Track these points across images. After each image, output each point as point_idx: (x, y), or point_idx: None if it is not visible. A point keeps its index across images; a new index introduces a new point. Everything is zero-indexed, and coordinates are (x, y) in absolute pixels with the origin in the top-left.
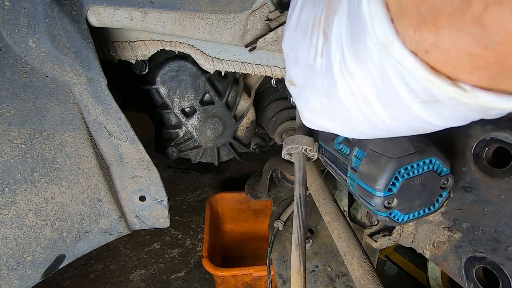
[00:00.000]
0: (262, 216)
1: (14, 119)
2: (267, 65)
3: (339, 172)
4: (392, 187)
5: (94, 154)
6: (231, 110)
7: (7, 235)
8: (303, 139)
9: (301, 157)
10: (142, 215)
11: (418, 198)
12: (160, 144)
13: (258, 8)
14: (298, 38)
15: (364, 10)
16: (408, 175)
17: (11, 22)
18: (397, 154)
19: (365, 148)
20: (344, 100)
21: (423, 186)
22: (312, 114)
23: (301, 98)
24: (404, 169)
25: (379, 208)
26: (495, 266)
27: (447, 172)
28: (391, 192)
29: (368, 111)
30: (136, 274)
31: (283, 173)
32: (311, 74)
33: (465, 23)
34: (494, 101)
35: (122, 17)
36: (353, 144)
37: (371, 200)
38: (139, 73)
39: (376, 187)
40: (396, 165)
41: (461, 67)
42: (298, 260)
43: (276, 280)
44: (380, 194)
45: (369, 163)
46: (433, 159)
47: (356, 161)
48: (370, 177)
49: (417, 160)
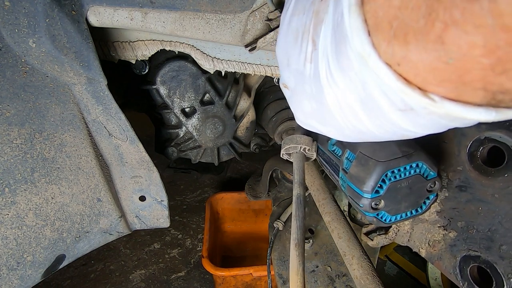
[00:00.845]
0: (262, 216)
1: (14, 119)
2: (267, 65)
3: (332, 173)
4: (379, 189)
5: (94, 154)
6: (231, 110)
7: (7, 235)
8: (301, 139)
9: (299, 156)
10: (142, 215)
11: (405, 200)
12: (160, 144)
13: (258, 8)
14: (290, 43)
15: (345, 22)
16: (395, 178)
17: (11, 22)
18: (384, 158)
19: (356, 151)
20: (331, 106)
21: (410, 189)
22: (305, 116)
23: (293, 100)
24: (391, 172)
25: (367, 209)
26: (489, 265)
27: (434, 176)
28: (378, 194)
29: (353, 118)
30: (136, 274)
31: (283, 173)
32: (302, 79)
33: (429, 41)
34: (461, 111)
35: (122, 17)
36: (345, 146)
37: (359, 201)
38: (139, 73)
39: (364, 189)
40: (383, 168)
41: (429, 80)
42: (297, 260)
43: (276, 280)
44: (368, 196)
45: (358, 165)
46: (420, 163)
47: (347, 163)
48: (359, 179)
49: (404, 164)
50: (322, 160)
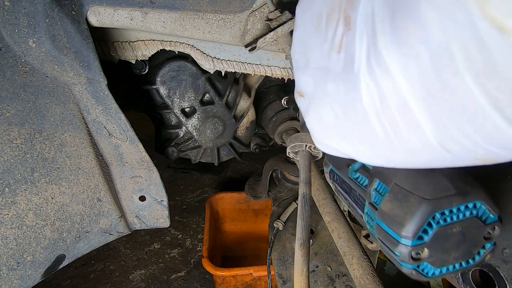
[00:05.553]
0: (262, 216)
1: (14, 119)
2: (267, 65)
3: (353, 205)
4: (424, 235)
5: (94, 154)
6: (231, 110)
7: (7, 235)
8: (307, 137)
9: (306, 155)
10: (142, 215)
11: (455, 250)
12: (160, 144)
13: (258, 8)
14: (309, 34)
15: None
16: (445, 222)
17: (11, 22)
18: (432, 195)
19: (389, 182)
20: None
21: (463, 235)
22: (325, 133)
23: (311, 112)
24: (441, 213)
25: (405, 259)
26: (491, 268)
27: (494, 219)
28: (421, 241)
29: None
30: (136, 274)
31: (283, 173)
32: (324, 79)
33: None
34: None
35: (122, 17)
36: (372, 174)
37: (395, 248)
38: (139, 73)
39: (402, 233)
40: (431, 208)
41: None
42: (301, 260)
43: (276, 280)
44: (408, 243)
45: (394, 201)
46: (478, 203)
47: (377, 196)
48: (395, 219)
49: (458, 204)
50: (339, 188)
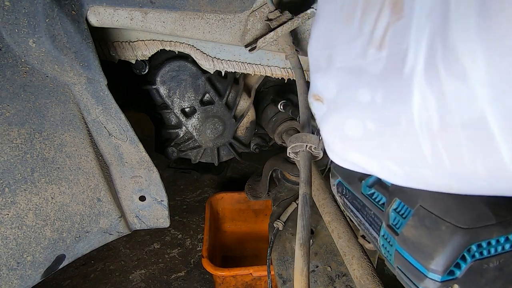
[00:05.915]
0: (262, 216)
1: (14, 119)
2: (267, 65)
3: (365, 225)
4: (456, 270)
5: (94, 154)
6: (231, 110)
7: (7, 235)
8: (307, 137)
9: (306, 155)
10: (142, 215)
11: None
12: (160, 144)
13: (258, 8)
14: (336, 29)
15: None
16: (481, 255)
17: (11, 22)
18: (468, 223)
19: (413, 203)
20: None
21: (500, 270)
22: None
23: (330, 119)
24: (477, 246)
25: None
26: None
27: None
28: (453, 276)
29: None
30: (136, 274)
31: (283, 173)
32: (353, 83)
33: None
34: None
35: (122, 17)
36: (392, 192)
37: (420, 282)
38: (139, 73)
39: (431, 267)
40: (467, 240)
41: None
42: (301, 260)
43: (276, 280)
44: (437, 278)
45: (420, 227)
46: None
47: (397, 219)
48: (421, 249)
49: (498, 235)
50: (348, 203)
